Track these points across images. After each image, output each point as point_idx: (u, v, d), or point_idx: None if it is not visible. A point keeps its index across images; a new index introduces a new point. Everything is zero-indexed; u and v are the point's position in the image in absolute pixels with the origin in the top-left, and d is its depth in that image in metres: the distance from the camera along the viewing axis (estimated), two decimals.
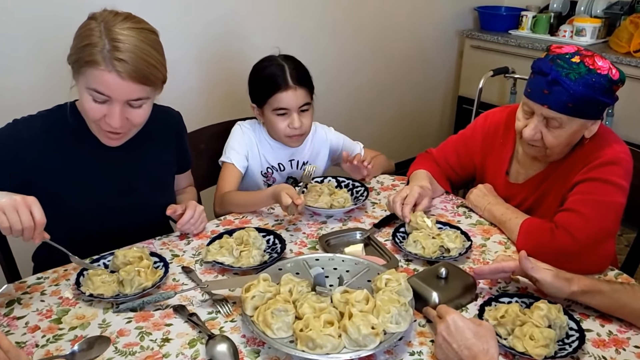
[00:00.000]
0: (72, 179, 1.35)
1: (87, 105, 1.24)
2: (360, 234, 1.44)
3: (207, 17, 2.41)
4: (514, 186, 1.53)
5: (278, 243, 1.38)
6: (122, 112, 1.24)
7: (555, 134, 1.33)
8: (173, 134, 1.54)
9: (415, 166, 1.69)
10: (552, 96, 1.28)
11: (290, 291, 1.12)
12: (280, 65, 1.65)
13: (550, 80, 1.27)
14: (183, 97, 2.17)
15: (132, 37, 1.20)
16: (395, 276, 1.14)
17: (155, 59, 1.23)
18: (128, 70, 1.18)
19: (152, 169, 1.47)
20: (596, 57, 1.28)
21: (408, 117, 3.45)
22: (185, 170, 1.64)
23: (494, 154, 1.59)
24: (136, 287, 1.18)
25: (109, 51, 1.17)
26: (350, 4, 2.92)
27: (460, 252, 1.34)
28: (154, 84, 1.26)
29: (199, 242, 1.42)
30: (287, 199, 1.40)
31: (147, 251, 1.28)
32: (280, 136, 1.72)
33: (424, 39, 3.38)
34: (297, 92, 1.64)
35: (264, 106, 1.69)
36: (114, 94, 1.21)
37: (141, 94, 1.24)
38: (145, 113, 1.29)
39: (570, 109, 1.28)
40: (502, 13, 3.46)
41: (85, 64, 1.19)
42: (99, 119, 1.25)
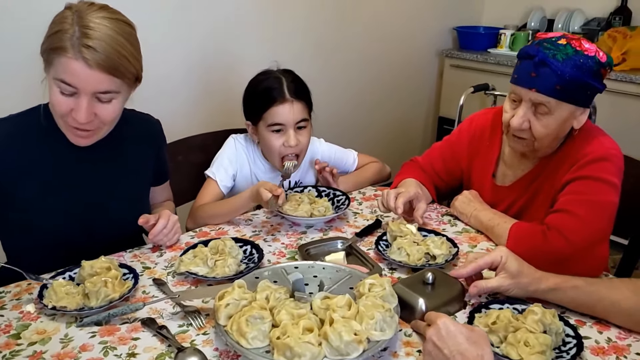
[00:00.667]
0: (38, 186, 1.27)
1: (54, 98, 1.17)
2: (341, 242, 1.38)
3: (196, 30, 2.38)
4: (500, 189, 1.49)
5: (255, 253, 1.32)
6: (90, 106, 1.17)
7: (544, 122, 1.28)
8: (151, 142, 1.47)
9: (402, 175, 1.63)
10: (539, 79, 1.24)
11: (267, 298, 1.05)
12: (278, 78, 1.58)
13: (537, 62, 1.23)
14: (165, 106, 2.10)
15: (105, 26, 1.15)
16: (380, 281, 1.08)
17: (127, 51, 1.18)
18: (96, 59, 1.12)
19: (126, 177, 1.40)
20: (582, 40, 1.26)
21: (390, 137, 3.43)
22: (161, 182, 1.56)
23: (480, 156, 1.54)
24: (102, 299, 1.10)
25: (77, 38, 1.12)
26: (333, 22, 2.92)
27: (446, 258, 1.29)
28: (125, 77, 1.20)
29: (172, 253, 1.35)
30: (267, 193, 1.34)
31: (115, 262, 1.20)
32: (274, 157, 1.62)
33: (405, 59, 3.39)
34: (294, 106, 1.56)
35: (258, 123, 1.60)
36: (81, 84, 1.14)
37: (110, 86, 1.18)
38: (114, 110, 1.22)
39: (559, 92, 1.23)
40: (481, 32, 3.49)
41: (53, 51, 1.14)
42: (66, 114, 1.18)
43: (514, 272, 1.09)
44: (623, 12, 3.12)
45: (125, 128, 1.36)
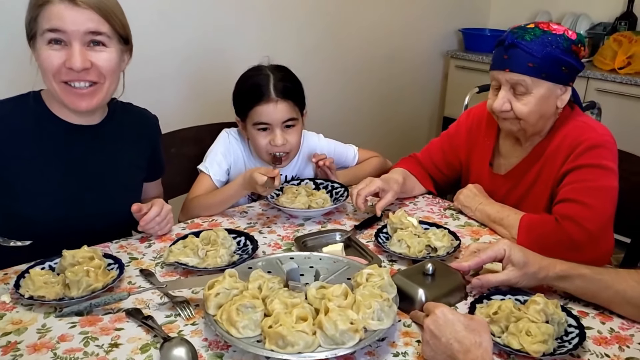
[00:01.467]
0: (28, 172, 1.22)
1: (45, 54, 1.13)
2: (340, 235, 1.32)
3: (194, 23, 2.33)
4: (497, 177, 1.47)
5: (250, 244, 1.25)
6: (83, 52, 1.14)
7: (524, 101, 1.30)
8: (147, 137, 1.42)
9: (395, 166, 1.64)
10: (511, 59, 1.27)
11: (259, 288, 0.99)
12: (266, 75, 1.52)
13: (507, 45, 1.28)
14: (160, 97, 2.05)
15: None
16: (378, 271, 1.02)
17: (113, 2, 1.17)
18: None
19: (119, 170, 1.34)
20: (550, 23, 1.31)
21: (395, 137, 3.37)
22: (155, 178, 1.51)
23: (478, 147, 1.53)
24: (84, 288, 1.04)
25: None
26: (335, 21, 2.87)
27: (448, 250, 1.23)
28: (114, 21, 1.17)
29: (161, 244, 1.28)
30: (262, 176, 1.28)
31: (99, 252, 1.14)
32: (262, 154, 1.57)
33: (410, 59, 3.34)
34: (279, 106, 1.50)
35: (246, 120, 1.56)
36: (69, 25, 1.11)
37: (99, 25, 1.15)
38: (110, 60, 1.18)
39: (532, 69, 1.26)
40: (487, 34, 3.45)
41: (37, 10, 1.12)
42: (60, 69, 1.14)
43: (520, 263, 1.04)
44: (629, 17, 3.11)
45: (122, 120, 1.32)
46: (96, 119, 1.29)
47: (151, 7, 2.14)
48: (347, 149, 1.79)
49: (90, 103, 1.20)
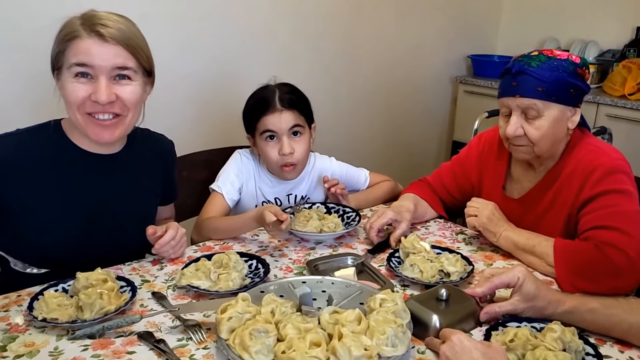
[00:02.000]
0: (44, 200, 1.22)
1: (71, 87, 1.15)
2: (352, 259, 1.31)
3: (205, 48, 2.37)
4: (510, 201, 1.46)
5: (261, 267, 1.25)
6: (109, 86, 1.16)
7: (536, 125, 1.31)
8: (162, 163, 1.44)
9: (405, 191, 1.64)
10: (520, 85, 1.30)
11: (272, 312, 0.98)
12: (272, 90, 1.58)
13: (515, 73, 1.30)
14: (171, 121, 2.07)
15: (114, 16, 1.19)
16: (391, 296, 1.01)
17: (138, 37, 1.21)
18: (109, 32, 1.14)
19: (135, 197, 1.35)
20: (554, 50, 1.33)
21: (402, 161, 3.38)
22: (169, 202, 1.53)
23: (490, 171, 1.53)
24: (97, 311, 1.04)
25: (88, 23, 1.15)
26: (345, 46, 2.91)
27: (461, 276, 1.22)
28: (139, 56, 1.20)
29: (173, 267, 1.28)
30: (271, 216, 1.28)
31: (112, 274, 1.14)
32: (273, 167, 1.60)
33: (418, 84, 3.37)
34: (284, 114, 1.54)
35: (255, 134, 1.60)
36: (97, 60, 1.14)
37: (126, 60, 1.17)
38: (134, 91, 1.20)
39: (541, 93, 1.28)
40: (495, 60, 3.47)
41: (65, 42, 1.14)
42: (84, 101, 1.16)
43: (530, 296, 1.04)
44: (637, 44, 3.13)
45: (140, 147, 1.34)
46: (116, 148, 1.30)
47: (164, 34, 2.18)
48: (359, 173, 1.79)
49: (112, 135, 1.22)
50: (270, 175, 1.67)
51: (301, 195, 1.71)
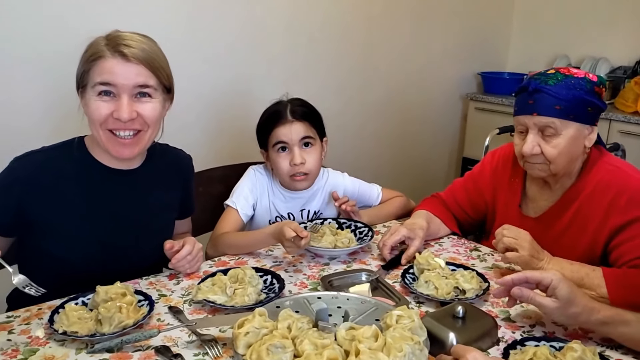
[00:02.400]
0: (67, 216, 1.25)
1: (94, 105, 1.19)
2: (366, 275, 1.32)
3: (221, 65, 2.41)
4: (527, 220, 1.46)
5: (276, 283, 1.26)
6: (130, 104, 1.19)
7: (554, 143, 1.31)
8: (180, 177, 1.46)
9: (418, 208, 1.64)
10: (537, 103, 1.30)
11: (289, 327, 0.98)
12: (284, 104, 1.62)
13: (532, 91, 1.30)
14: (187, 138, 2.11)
15: (137, 36, 1.22)
16: (408, 313, 1.01)
17: (159, 55, 1.24)
18: (132, 52, 1.18)
19: (153, 212, 1.38)
20: (570, 68, 1.33)
21: (413, 177, 3.38)
22: (186, 217, 1.54)
23: (504, 188, 1.53)
24: (116, 325, 1.05)
25: (112, 44, 1.19)
26: (356, 65, 2.93)
27: (477, 293, 1.22)
28: (160, 75, 1.23)
29: (189, 282, 1.30)
30: (291, 232, 1.29)
31: (131, 288, 1.16)
32: (284, 178, 1.63)
33: (429, 101, 3.39)
34: (294, 125, 1.58)
35: (268, 147, 1.63)
36: (120, 79, 1.17)
37: (147, 79, 1.21)
38: (154, 108, 1.23)
39: (559, 111, 1.28)
40: (505, 77, 3.49)
41: (90, 62, 1.18)
42: (107, 118, 1.19)
43: (564, 299, 1.02)
44: None
45: (158, 163, 1.37)
46: (135, 163, 1.33)
47: (184, 54, 2.22)
48: (371, 188, 1.81)
49: (132, 151, 1.25)
50: (283, 190, 1.68)
51: (314, 210, 1.72)
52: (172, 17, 2.19)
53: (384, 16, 2.98)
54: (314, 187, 1.70)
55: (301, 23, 2.63)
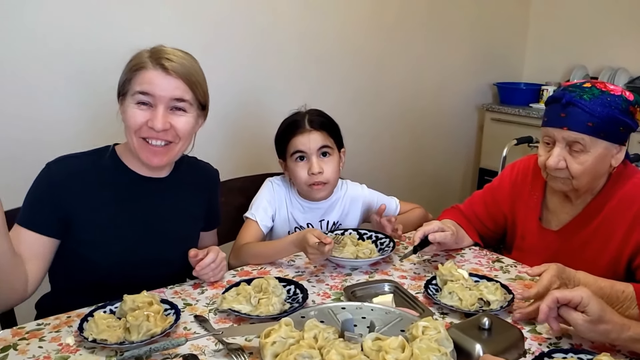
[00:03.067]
0: (98, 222, 1.29)
1: (131, 112, 1.24)
2: (389, 285, 1.32)
3: (240, 78, 2.44)
4: (548, 233, 1.45)
5: (300, 293, 1.27)
6: (165, 115, 1.24)
7: (580, 160, 1.28)
8: (206, 190, 1.49)
9: (440, 218, 1.64)
10: (569, 117, 1.27)
11: (315, 337, 0.99)
12: (302, 114, 1.64)
13: (565, 103, 1.27)
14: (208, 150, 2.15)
15: (178, 52, 1.28)
16: (434, 324, 1.01)
17: (197, 72, 1.28)
18: (173, 66, 1.22)
19: (179, 221, 1.40)
20: (607, 84, 1.29)
21: (429, 189, 3.38)
22: (212, 228, 1.56)
23: (524, 201, 1.52)
24: (144, 333, 1.06)
25: (155, 57, 1.24)
26: (371, 76, 2.95)
27: (501, 305, 1.21)
28: (196, 90, 1.28)
29: (213, 291, 1.31)
30: (314, 238, 1.30)
31: (157, 297, 1.17)
32: (302, 187, 1.64)
33: (445, 112, 3.39)
34: (312, 135, 1.60)
35: (286, 157, 1.65)
36: (158, 91, 1.22)
37: (184, 93, 1.25)
38: (187, 122, 1.28)
39: (591, 128, 1.25)
40: (522, 87, 3.49)
41: (133, 72, 1.23)
42: (142, 126, 1.24)
43: (595, 317, 1.01)
44: None
45: (186, 174, 1.40)
46: (164, 172, 1.37)
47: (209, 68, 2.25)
48: (390, 201, 1.81)
49: (162, 160, 1.28)
50: (302, 201, 1.69)
51: (333, 221, 1.73)
52: (193, 31, 2.23)
53: (399, 28, 3.00)
54: (332, 197, 1.71)
55: (316, 36, 2.66)
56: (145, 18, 2.11)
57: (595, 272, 1.28)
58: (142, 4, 2.10)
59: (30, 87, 1.92)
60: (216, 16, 2.31)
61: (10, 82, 1.88)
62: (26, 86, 1.91)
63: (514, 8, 3.58)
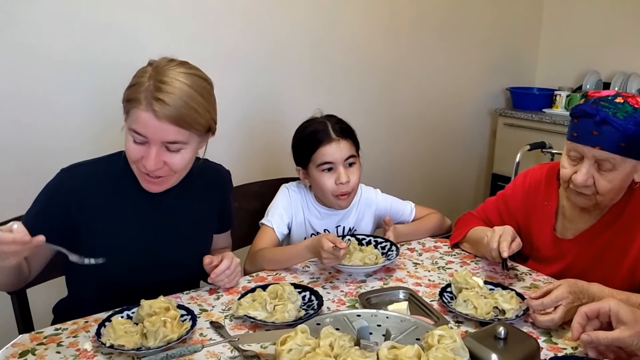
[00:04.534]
0: (113, 226, 1.30)
1: (128, 145, 1.23)
2: (403, 293, 1.32)
3: (256, 84, 2.47)
4: (563, 242, 1.44)
5: (315, 299, 1.27)
6: (158, 155, 1.21)
7: (609, 178, 1.26)
8: (218, 192, 1.49)
9: (465, 226, 1.61)
10: (603, 137, 1.23)
11: (331, 345, 1.00)
12: (322, 122, 1.63)
13: (599, 121, 1.23)
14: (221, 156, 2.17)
15: (178, 81, 1.19)
16: (449, 333, 1.01)
17: (197, 103, 1.20)
18: (164, 111, 1.16)
19: (192, 225, 1.41)
20: (638, 98, 1.26)
21: (442, 194, 3.38)
22: (225, 230, 1.57)
23: (537, 210, 1.51)
24: (160, 339, 1.07)
25: (150, 91, 1.17)
26: (385, 82, 2.96)
27: (517, 313, 1.21)
28: (193, 129, 1.22)
29: (229, 297, 1.32)
30: (329, 243, 1.31)
31: (174, 303, 1.18)
32: (328, 197, 1.63)
33: (457, 117, 3.38)
34: (341, 144, 1.58)
35: (308, 165, 1.63)
36: (149, 134, 1.18)
37: (177, 136, 1.20)
38: (183, 159, 1.25)
39: (624, 148, 1.23)
40: (535, 92, 3.47)
41: (129, 102, 1.19)
42: (138, 161, 1.23)
43: (631, 320, 0.99)
44: None
45: (197, 176, 1.39)
46: None
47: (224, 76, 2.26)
48: (405, 205, 1.81)
49: (160, 188, 1.29)
50: (319, 207, 1.70)
51: (349, 227, 1.73)
52: (206, 37, 2.25)
53: (413, 35, 3.00)
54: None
55: (332, 43, 2.67)
56: (164, 26, 2.14)
57: (613, 281, 1.28)
58: (161, 13, 2.12)
59: (39, 94, 1.93)
60: (234, 26, 2.33)
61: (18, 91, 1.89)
62: (35, 94, 1.92)
63: (526, 13, 3.57)
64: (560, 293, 1.17)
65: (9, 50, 1.84)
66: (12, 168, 1.90)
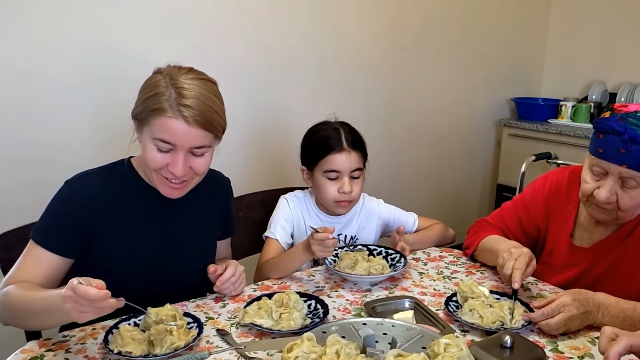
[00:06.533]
0: (120, 235, 1.31)
1: (150, 154, 1.23)
2: (409, 302, 1.32)
3: (262, 94, 2.49)
4: (579, 250, 1.42)
5: (320, 308, 1.28)
6: (186, 161, 1.23)
7: (632, 195, 1.25)
8: (220, 199, 1.51)
9: (479, 233, 1.58)
10: (631, 155, 1.21)
11: (337, 353, 1.00)
12: (336, 129, 1.64)
13: (627, 140, 1.21)
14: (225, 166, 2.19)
15: (196, 86, 1.22)
16: (455, 341, 1.01)
17: (217, 106, 1.24)
18: (194, 116, 1.18)
19: (198, 232, 1.42)
20: None
21: (447, 204, 3.38)
22: (227, 237, 1.58)
23: (557, 215, 1.49)
24: (167, 346, 1.08)
25: (175, 99, 1.19)
26: (390, 92, 2.98)
27: (523, 323, 1.21)
28: (216, 131, 1.26)
29: (235, 305, 1.32)
30: (317, 233, 1.35)
31: (181, 310, 1.19)
32: (328, 201, 1.65)
33: (462, 128, 3.40)
34: (351, 155, 1.60)
35: (314, 168, 1.64)
36: (179, 141, 1.20)
37: (204, 140, 1.23)
38: (206, 162, 1.28)
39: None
40: (540, 103, 3.48)
41: (151, 113, 1.20)
42: (161, 168, 1.24)
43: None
44: None
45: (201, 185, 1.40)
46: None
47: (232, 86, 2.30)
48: (407, 216, 1.82)
49: (181, 193, 1.30)
50: (321, 214, 1.71)
51: (351, 235, 1.74)
52: (212, 49, 2.28)
53: (417, 46, 3.03)
54: (350, 212, 1.72)
55: (337, 54, 2.70)
56: (170, 40, 2.17)
57: (628, 291, 1.27)
58: (167, 27, 2.16)
59: (44, 108, 1.96)
60: (240, 38, 2.36)
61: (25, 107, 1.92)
62: (40, 109, 1.95)
63: (532, 23, 3.59)
64: (562, 300, 1.17)
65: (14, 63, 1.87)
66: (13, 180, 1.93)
